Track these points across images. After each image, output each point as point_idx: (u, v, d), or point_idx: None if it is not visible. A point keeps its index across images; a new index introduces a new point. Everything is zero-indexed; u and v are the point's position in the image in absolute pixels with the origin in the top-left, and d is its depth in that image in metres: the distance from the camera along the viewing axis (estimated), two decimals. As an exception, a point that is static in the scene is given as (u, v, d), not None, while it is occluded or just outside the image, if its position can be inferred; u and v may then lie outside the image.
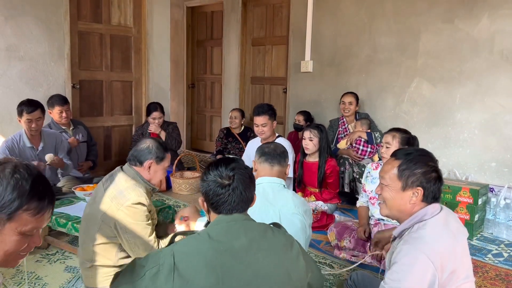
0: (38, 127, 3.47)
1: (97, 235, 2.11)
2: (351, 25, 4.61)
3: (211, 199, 1.45)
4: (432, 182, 1.59)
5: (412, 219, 1.59)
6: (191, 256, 1.32)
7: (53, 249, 3.12)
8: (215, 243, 1.35)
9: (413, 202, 1.60)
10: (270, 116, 3.71)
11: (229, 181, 1.44)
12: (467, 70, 3.84)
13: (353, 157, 4.14)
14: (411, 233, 1.56)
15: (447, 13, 3.91)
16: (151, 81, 5.57)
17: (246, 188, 1.46)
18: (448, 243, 1.51)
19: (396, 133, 2.86)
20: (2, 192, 1.02)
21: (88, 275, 2.15)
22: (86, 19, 4.95)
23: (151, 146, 2.23)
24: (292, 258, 1.44)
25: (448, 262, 1.48)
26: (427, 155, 1.67)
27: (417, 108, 4.19)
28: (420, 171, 1.59)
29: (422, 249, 1.47)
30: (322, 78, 4.92)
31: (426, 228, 1.53)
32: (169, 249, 1.35)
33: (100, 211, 2.10)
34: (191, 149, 6.72)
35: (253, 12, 5.79)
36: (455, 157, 3.95)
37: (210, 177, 1.46)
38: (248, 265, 1.33)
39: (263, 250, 1.38)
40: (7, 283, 2.62)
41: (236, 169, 1.46)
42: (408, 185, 1.59)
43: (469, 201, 3.48)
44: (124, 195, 2.09)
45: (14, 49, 4.29)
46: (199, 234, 1.41)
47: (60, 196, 3.41)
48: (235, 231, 1.39)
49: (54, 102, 4.10)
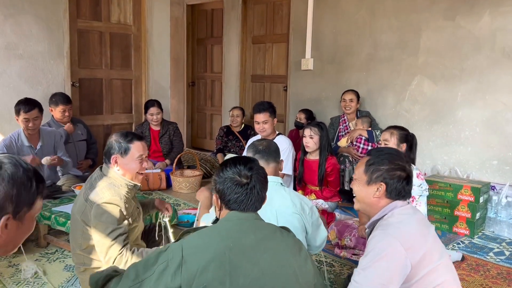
0: (35, 126, 3.45)
1: (81, 239, 2.08)
2: (352, 22, 4.59)
3: (227, 196, 1.46)
4: (396, 179, 1.67)
5: (383, 212, 1.68)
6: (200, 250, 1.33)
7: (52, 248, 3.11)
8: (224, 239, 1.36)
9: (376, 196, 1.69)
10: (271, 114, 3.70)
11: (247, 180, 1.45)
12: (468, 68, 3.82)
13: (354, 155, 4.12)
14: (381, 222, 1.65)
15: (448, 11, 3.89)
16: (151, 79, 5.55)
17: (262, 188, 1.49)
18: (415, 227, 1.60)
19: (394, 130, 2.87)
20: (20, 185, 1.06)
21: (83, 278, 2.13)
22: (86, 17, 4.93)
23: (113, 140, 2.15)
24: (300, 261, 1.45)
25: (418, 244, 1.55)
26: (397, 155, 1.75)
27: (418, 106, 4.17)
28: (384, 168, 1.68)
29: (391, 233, 1.55)
30: (323, 76, 4.90)
31: (394, 216, 1.64)
32: (178, 243, 1.36)
33: (79, 214, 2.06)
34: (191, 147, 6.70)
35: (253, 10, 5.77)
36: (456, 155, 3.94)
37: (228, 174, 1.47)
38: (255, 263, 1.34)
39: (271, 249, 1.39)
40: (6, 282, 2.61)
41: (254, 169, 1.49)
42: (372, 179, 1.70)
43: (471, 199, 3.47)
44: (97, 194, 2.03)
45: (14, 47, 4.27)
46: (209, 229, 1.42)
47: (60, 195, 3.41)
48: (245, 229, 1.41)
49: (58, 100, 4.09)
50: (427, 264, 1.55)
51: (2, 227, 1.03)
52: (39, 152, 3.51)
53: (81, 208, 2.07)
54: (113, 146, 2.14)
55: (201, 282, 1.28)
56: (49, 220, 2.95)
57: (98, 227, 2.00)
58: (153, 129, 4.85)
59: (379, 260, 1.51)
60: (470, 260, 3.01)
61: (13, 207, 1.04)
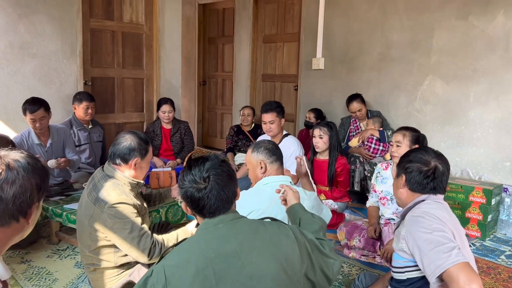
0: (42, 126, 3.45)
1: (89, 241, 2.08)
2: (363, 22, 4.56)
3: (191, 204, 1.40)
4: (415, 172, 1.73)
5: (415, 201, 1.73)
6: (182, 268, 1.27)
7: (63, 244, 3.16)
8: (204, 250, 1.30)
9: (401, 187, 1.79)
10: (278, 114, 3.67)
11: (205, 184, 1.38)
12: (481, 68, 3.77)
13: (365, 156, 4.10)
14: (413, 210, 1.68)
15: (461, 10, 3.84)
16: (163, 78, 5.59)
17: (224, 187, 1.39)
18: (448, 217, 1.63)
19: (406, 131, 2.84)
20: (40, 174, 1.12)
21: (93, 278, 2.15)
22: (98, 17, 4.98)
23: (133, 143, 2.12)
24: (287, 251, 1.38)
25: (453, 231, 1.57)
26: (424, 150, 1.80)
27: (430, 106, 4.13)
28: (405, 159, 1.80)
29: (426, 211, 1.60)
30: (334, 76, 4.88)
31: (427, 204, 1.68)
32: (160, 265, 1.30)
33: (86, 217, 2.05)
34: (202, 146, 6.73)
35: (265, 9, 5.77)
36: (468, 156, 3.89)
37: (186, 183, 1.40)
38: (241, 267, 1.29)
39: (255, 248, 1.34)
40: (18, 278, 2.65)
41: (210, 169, 1.40)
42: (399, 172, 1.82)
43: (482, 201, 3.42)
44: (104, 196, 2.02)
45: (28, 46, 4.34)
46: (188, 242, 1.36)
47: (71, 192, 3.44)
48: (224, 235, 1.34)
49: (82, 97, 4.17)
50: None
51: (31, 213, 1.11)
52: (49, 149, 3.54)
53: (88, 212, 2.05)
54: (136, 148, 2.12)
55: None
56: (61, 217, 2.99)
57: (117, 227, 1.99)
58: (165, 128, 4.88)
59: (427, 232, 1.52)
60: (481, 262, 2.98)
61: (38, 194, 1.12)
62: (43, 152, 3.50)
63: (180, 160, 4.80)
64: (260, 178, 2.09)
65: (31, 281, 2.62)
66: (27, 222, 1.12)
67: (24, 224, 1.12)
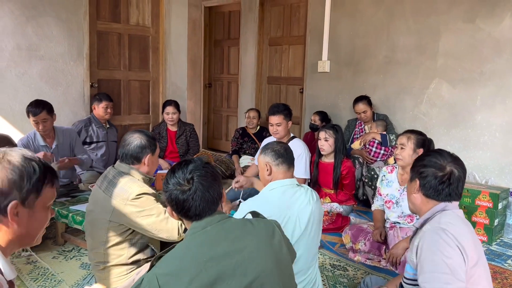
0: (45, 128, 3.47)
1: (106, 237, 2.09)
2: (369, 25, 4.56)
3: (176, 207, 1.39)
4: (430, 177, 1.66)
5: (433, 210, 1.65)
6: (175, 276, 1.25)
7: (69, 246, 3.17)
8: (196, 255, 1.28)
9: (415, 192, 1.71)
10: (285, 116, 3.68)
11: (189, 185, 1.37)
12: (488, 71, 3.75)
13: (365, 158, 4.10)
14: (431, 221, 1.61)
15: (468, 13, 3.83)
16: (168, 80, 5.61)
17: (208, 188, 1.39)
18: (468, 233, 1.57)
19: (411, 134, 2.82)
20: (24, 173, 1.11)
21: (101, 276, 2.16)
22: (105, 19, 5.01)
23: (143, 140, 2.19)
24: (276, 247, 1.40)
25: (468, 245, 1.52)
26: (440, 154, 1.71)
27: (436, 109, 4.11)
28: (420, 163, 1.71)
29: (443, 228, 1.53)
30: (339, 79, 4.88)
31: (446, 216, 1.60)
32: (152, 273, 1.27)
33: (107, 213, 2.07)
34: (207, 148, 6.74)
35: (271, 12, 5.78)
36: (474, 160, 3.87)
37: (170, 186, 1.40)
38: (235, 267, 1.29)
39: (247, 247, 1.33)
40: (24, 279, 2.66)
41: (193, 171, 1.40)
42: (413, 176, 1.74)
43: (489, 205, 3.40)
44: (125, 189, 2.06)
45: (35, 48, 4.37)
46: (179, 249, 1.33)
47: (77, 194, 3.47)
48: (213, 237, 1.33)
49: (102, 97, 4.41)
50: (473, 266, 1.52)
51: (12, 214, 1.09)
52: (54, 151, 3.56)
53: (107, 208, 2.07)
54: (146, 145, 2.19)
55: None
56: (67, 218, 3.01)
57: (144, 214, 2.05)
58: (170, 130, 4.89)
59: (436, 254, 1.49)
60: (487, 267, 2.95)
61: (19, 193, 1.10)
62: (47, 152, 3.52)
63: (185, 162, 4.82)
64: (267, 180, 2.08)
65: (37, 282, 2.63)
66: (10, 222, 1.10)
67: (8, 224, 1.10)
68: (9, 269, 1.14)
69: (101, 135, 4.41)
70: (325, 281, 2.70)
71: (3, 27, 4.15)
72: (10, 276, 1.15)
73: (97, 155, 4.36)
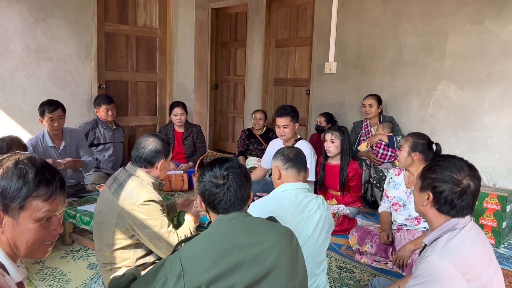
0: (60, 126, 3.53)
1: (112, 240, 2.10)
2: (376, 26, 4.55)
3: (207, 198, 1.49)
4: (446, 192, 1.55)
5: (444, 227, 1.57)
6: (198, 259, 1.34)
7: (77, 246, 3.19)
8: (218, 243, 1.37)
9: (425, 205, 1.61)
10: (292, 118, 3.67)
11: (224, 180, 1.47)
12: (496, 73, 3.73)
13: (373, 160, 4.09)
14: (441, 241, 1.53)
15: (476, 14, 3.81)
16: (175, 81, 5.63)
17: (241, 186, 1.48)
18: (476, 253, 1.50)
19: (410, 137, 2.82)
20: (9, 182, 1.09)
21: (107, 277, 2.16)
22: (113, 21, 5.05)
23: (158, 145, 2.17)
24: (293, 248, 1.48)
25: (476, 270, 1.45)
26: (454, 166, 1.58)
27: (443, 111, 4.10)
28: (434, 176, 1.59)
29: (447, 257, 1.45)
30: (346, 80, 4.87)
31: (456, 237, 1.52)
32: (175, 255, 1.36)
33: (114, 214, 2.08)
34: (214, 149, 6.76)
35: (277, 14, 5.79)
36: (482, 162, 3.84)
37: (205, 178, 1.50)
38: (255, 257, 1.36)
39: (268, 242, 1.41)
40: (32, 278, 2.69)
41: (230, 168, 1.50)
42: (423, 186, 1.63)
43: (497, 207, 3.38)
44: (134, 194, 2.06)
45: (44, 50, 4.41)
46: (202, 236, 1.43)
47: (85, 194, 3.49)
48: (237, 229, 1.43)
49: (100, 101, 4.44)
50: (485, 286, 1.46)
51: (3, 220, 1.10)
52: (62, 152, 3.59)
53: (115, 210, 2.08)
54: (160, 150, 2.18)
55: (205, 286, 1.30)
56: (74, 218, 3.03)
57: (147, 224, 2.04)
58: (177, 131, 4.91)
59: (429, 283, 1.44)
60: (495, 270, 2.93)
61: (1, 201, 1.10)
62: (57, 155, 3.55)
63: (192, 163, 4.83)
64: (278, 184, 2.11)
65: (45, 282, 2.65)
66: None
67: None
68: (16, 272, 1.16)
69: (108, 136, 4.46)
70: (331, 283, 2.70)
71: (13, 28, 4.19)
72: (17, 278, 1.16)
73: (105, 157, 4.41)
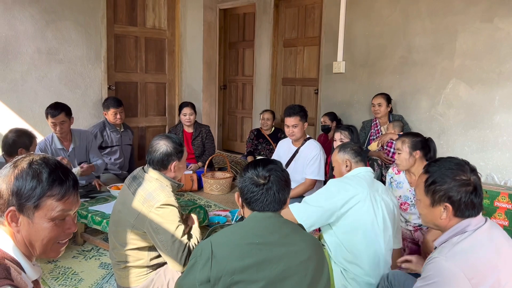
0: (62, 130, 3.54)
1: (128, 239, 2.11)
2: (385, 25, 4.53)
3: (245, 194, 1.54)
4: (463, 196, 1.51)
5: (454, 229, 1.53)
6: (228, 246, 1.41)
7: (88, 245, 3.22)
8: (250, 236, 1.44)
9: (443, 217, 1.55)
10: (301, 118, 3.68)
11: (264, 181, 1.51)
12: (507, 71, 3.70)
13: (384, 159, 4.07)
14: (449, 244, 1.50)
15: (486, 12, 3.79)
16: (184, 82, 5.66)
17: (280, 190, 1.52)
18: (488, 256, 1.45)
19: (405, 138, 2.80)
20: (23, 182, 1.12)
21: (121, 275, 2.19)
22: (122, 23, 5.09)
23: (169, 148, 2.16)
24: (320, 257, 1.52)
25: (488, 274, 1.41)
26: (457, 168, 1.56)
27: (453, 110, 4.07)
28: (447, 187, 1.53)
29: (455, 262, 1.41)
30: (355, 79, 4.86)
31: (465, 241, 1.48)
32: (207, 240, 1.45)
33: (132, 216, 2.08)
34: (222, 149, 6.78)
35: (285, 13, 5.79)
36: (493, 161, 3.82)
37: (247, 175, 1.55)
38: (282, 256, 1.42)
39: (296, 244, 1.46)
40: (45, 277, 2.72)
41: (273, 170, 1.54)
42: (436, 200, 1.55)
43: (508, 206, 3.35)
44: (153, 196, 2.05)
45: (54, 52, 4.46)
46: (235, 227, 1.50)
47: (96, 194, 3.52)
48: (269, 227, 1.48)
49: (109, 104, 4.44)
50: None
51: (9, 218, 1.13)
52: (71, 154, 3.62)
53: (134, 211, 2.08)
54: (172, 153, 2.17)
55: (230, 275, 1.37)
56: (86, 219, 3.06)
57: (162, 227, 2.02)
58: (186, 132, 4.94)
59: (436, 285, 1.42)
60: (507, 269, 2.91)
61: (16, 201, 1.12)
62: (66, 157, 3.58)
63: (201, 163, 4.85)
64: (343, 174, 2.32)
65: (58, 281, 2.69)
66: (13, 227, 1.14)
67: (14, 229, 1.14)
68: (31, 270, 1.18)
69: (115, 139, 4.46)
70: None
71: (24, 31, 4.24)
72: (33, 276, 1.18)
73: (111, 160, 4.41)
